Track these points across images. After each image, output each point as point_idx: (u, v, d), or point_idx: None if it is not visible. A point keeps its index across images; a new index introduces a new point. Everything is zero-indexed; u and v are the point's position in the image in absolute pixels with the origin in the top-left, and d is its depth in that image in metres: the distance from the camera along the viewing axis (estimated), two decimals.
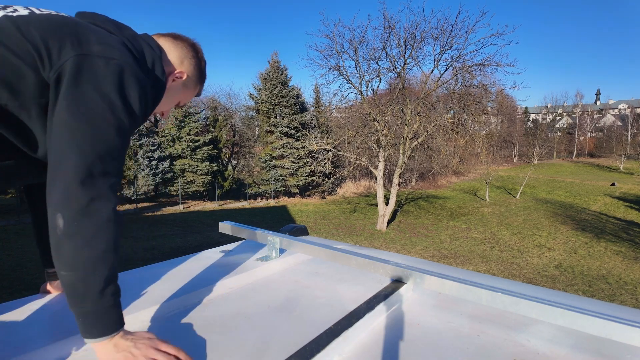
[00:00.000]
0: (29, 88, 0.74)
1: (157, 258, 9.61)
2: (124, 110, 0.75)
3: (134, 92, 0.77)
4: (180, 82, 1.02)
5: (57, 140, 0.70)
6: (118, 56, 0.77)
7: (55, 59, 0.74)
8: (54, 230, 0.68)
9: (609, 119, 60.26)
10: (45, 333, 0.82)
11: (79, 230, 0.68)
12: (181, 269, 1.24)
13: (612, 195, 24.59)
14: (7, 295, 6.67)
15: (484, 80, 16.12)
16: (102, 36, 0.81)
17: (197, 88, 1.09)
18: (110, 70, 0.75)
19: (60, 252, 0.68)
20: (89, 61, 0.74)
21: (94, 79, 0.73)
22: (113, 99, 0.74)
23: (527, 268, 11.06)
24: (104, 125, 0.73)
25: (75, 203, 0.68)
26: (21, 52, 0.73)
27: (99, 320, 0.70)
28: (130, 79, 0.77)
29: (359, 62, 15.91)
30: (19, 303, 0.98)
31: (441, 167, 20.11)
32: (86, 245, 0.68)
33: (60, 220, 0.67)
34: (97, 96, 0.72)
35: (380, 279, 1.15)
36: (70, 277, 0.68)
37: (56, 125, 0.71)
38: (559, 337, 0.83)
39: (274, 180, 22.47)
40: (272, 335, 0.81)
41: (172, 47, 1.00)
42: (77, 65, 0.73)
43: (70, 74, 0.72)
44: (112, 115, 0.74)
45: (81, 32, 0.78)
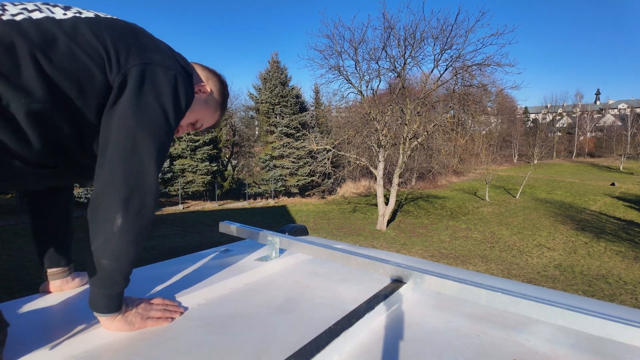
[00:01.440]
0: (95, 88, 0.78)
1: (157, 258, 9.61)
2: (174, 118, 0.84)
3: (183, 99, 0.86)
4: (203, 97, 1.04)
5: (121, 146, 0.76)
6: (174, 67, 0.86)
7: (122, 63, 0.79)
8: (110, 227, 0.75)
9: (609, 118, 60.27)
10: (45, 333, 0.82)
11: (131, 229, 0.77)
12: (181, 269, 1.24)
13: (611, 195, 24.59)
14: (7, 295, 6.67)
15: (484, 80, 16.13)
16: (160, 46, 0.89)
17: (216, 113, 1.11)
18: (168, 81, 0.82)
19: (109, 245, 0.76)
20: (151, 69, 0.81)
21: (156, 88, 0.81)
22: (169, 109, 0.82)
23: (526, 268, 11.07)
24: (162, 134, 0.81)
25: (135, 206, 0.77)
26: (93, 53, 0.77)
27: (118, 299, 0.82)
28: (182, 89, 0.85)
29: (359, 62, 15.92)
30: (19, 303, 0.98)
31: (441, 167, 20.13)
32: (133, 242, 0.79)
33: (119, 219, 0.75)
34: (158, 106, 0.80)
35: (380, 279, 1.15)
36: (111, 265, 0.78)
37: (120, 128, 0.77)
38: (559, 337, 0.83)
39: (274, 180, 22.47)
40: (272, 335, 0.81)
41: (200, 68, 1.07)
42: (142, 72, 0.80)
43: (135, 81, 0.79)
44: (167, 125, 0.82)
45: (143, 40, 0.86)
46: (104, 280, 0.79)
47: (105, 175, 0.76)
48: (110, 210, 0.75)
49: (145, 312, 0.86)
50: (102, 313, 0.81)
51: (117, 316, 0.83)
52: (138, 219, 0.78)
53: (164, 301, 0.92)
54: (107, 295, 0.80)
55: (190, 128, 1.10)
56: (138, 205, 0.78)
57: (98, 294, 0.80)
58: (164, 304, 0.91)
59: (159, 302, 0.91)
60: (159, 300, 0.92)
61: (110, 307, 0.81)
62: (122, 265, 0.79)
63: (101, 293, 0.80)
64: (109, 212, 0.75)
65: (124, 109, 0.77)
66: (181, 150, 20.91)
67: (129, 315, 0.85)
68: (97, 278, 0.79)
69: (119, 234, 0.76)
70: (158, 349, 0.77)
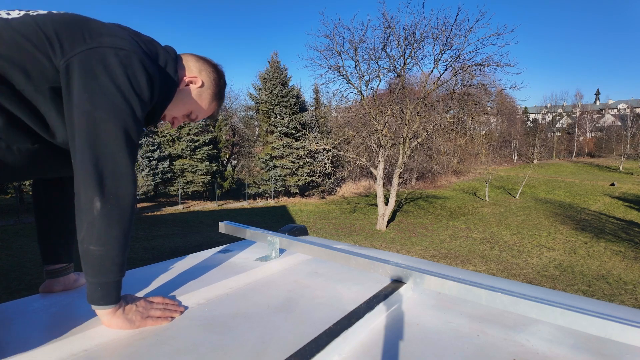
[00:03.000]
0: (42, 73, 0.80)
1: (157, 258, 9.61)
2: (136, 97, 0.83)
3: (142, 78, 0.84)
4: (194, 88, 1.04)
5: (84, 132, 0.78)
6: (127, 46, 0.84)
7: (67, 49, 0.80)
8: (90, 211, 0.77)
9: (609, 118, 60.29)
10: (45, 333, 0.82)
11: (111, 212, 0.78)
12: (181, 269, 1.24)
13: (611, 195, 24.60)
14: (7, 295, 6.67)
15: (484, 80, 16.14)
16: (113, 30, 0.88)
17: (212, 104, 1.10)
18: (120, 60, 0.82)
19: (93, 229, 0.78)
20: (100, 52, 0.81)
21: (107, 69, 0.80)
22: (125, 88, 0.81)
23: (526, 268, 11.07)
24: (123, 114, 0.81)
25: (109, 188, 0.78)
26: (36, 40, 0.79)
27: (114, 290, 0.82)
28: (137, 65, 0.84)
29: (359, 62, 15.92)
30: (18, 303, 0.98)
31: (441, 167, 20.14)
32: (116, 225, 0.80)
33: (97, 202, 0.77)
34: (113, 86, 0.80)
35: (380, 279, 1.15)
36: (100, 251, 0.79)
37: (79, 116, 0.78)
38: (559, 337, 0.83)
39: (274, 180, 22.46)
40: (271, 335, 0.81)
41: (194, 60, 1.05)
42: (89, 56, 0.80)
43: (84, 66, 0.79)
44: (127, 104, 0.81)
45: (93, 27, 0.86)
46: (95, 268, 0.80)
47: (77, 162, 0.78)
48: (87, 196, 0.77)
49: (145, 311, 0.86)
50: (100, 305, 0.81)
51: (117, 312, 0.83)
52: (116, 201, 0.79)
53: (165, 300, 0.93)
54: (101, 284, 0.80)
55: (186, 119, 1.10)
56: (112, 187, 0.79)
57: (92, 284, 0.81)
58: (165, 303, 0.92)
59: (160, 301, 0.91)
60: (159, 299, 0.92)
61: (106, 298, 0.81)
62: (110, 250, 0.80)
63: (95, 282, 0.80)
64: (86, 198, 0.77)
65: (79, 95, 0.78)
66: (181, 150, 20.90)
67: (129, 313, 0.85)
68: (88, 267, 0.80)
69: (100, 217, 0.77)
70: (158, 348, 0.77)
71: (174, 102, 1.02)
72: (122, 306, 0.85)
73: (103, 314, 0.83)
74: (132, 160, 0.83)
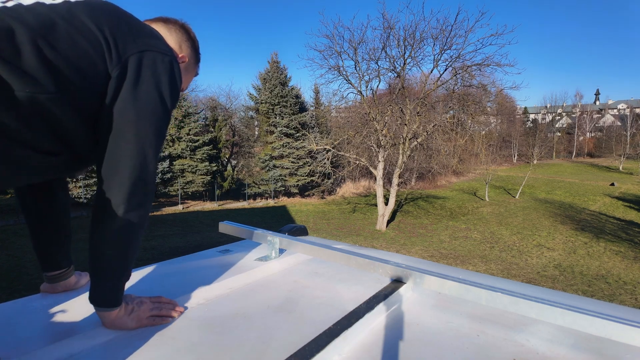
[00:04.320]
0: (96, 76, 0.76)
1: (157, 258, 9.60)
2: (172, 105, 0.85)
3: (178, 84, 0.86)
4: (183, 67, 1.02)
5: (123, 137, 0.77)
6: (168, 51, 0.85)
7: (122, 51, 0.77)
8: (114, 218, 0.77)
9: (608, 119, 60.32)
10: (45, 333, 0.82)
11: (134, 219, 0.79)
12: (181, 269, 1.24)
13: (611, 195, 24.60)
14: (7, 295, 6.67)
15: (484, 80, 16.14)
16: (152, 30, 0.88)
17: (195, 69, 1.10)
18: (165, 68, 0.82)
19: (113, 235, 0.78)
20: (149, 57, 0.80)
21: (154, 76, 0.80)
22: (167, 97, 0.82)
23: (526, 268, 11.07)
24: (161, 123, 0.82)
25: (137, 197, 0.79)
26: (93, 40, 0.74)
27: (119, 292, 0.83)
28: (176, 72, 0.86)
29: (359, 62, 15.92)
30: (19, 303, 0.98)
31: (441, 167, 20.13)
32: (136, 232, 0.81)
33: (122, 210, 0.77)
34: (157, 95, 0.80)
35: (379, 279, 1.15)
36: (114, 255, 0.79)
37: (121, 121, 0.77)
38: (559, 337, 0.83)
39: (274, 180, 22.46)
40: (271, 335, 0.81)
41: (167, 32, 1.00)
42: (140, 60, 0.78)
43: (134, 70, 0.77)
44: (165, 113, 0.83)
45: (136, 24, 0.84)
46: (106, 271, 0.80)
47: (109, 168, 0.77)
48: (114, 203, 0.77)
49: (145, 311, 0.86)
50: (104, 307, 0.81)
51: (117, 313, 0.83)
52: (140, 210, 0.80)
53: (165, 300, 0.93)
54: (109, 287, 0.81)
55: None
56: (140, 196, 0.79)
57: (101, 286, 0.81)
58: (164, 302, 0.91)
59: (160, 301, 0.91)
60: (159, 299, 0.92)
61: (111, 300, 0.82)
62: (124, 254, 0.81)
63: (104, 285, 0.81)
64: (114, 204, 0.77)
65: (124, 101, 0.77)
66: (181, 151, 20.89)
67: (129, 312, 0.85)
68: (99, 269, 0.80)
69: (123, 224, 0.78)
70: (158, 348, 0.77)
71: None
72: (122, 306, 0.85)
73: (104, 316, 0.83)
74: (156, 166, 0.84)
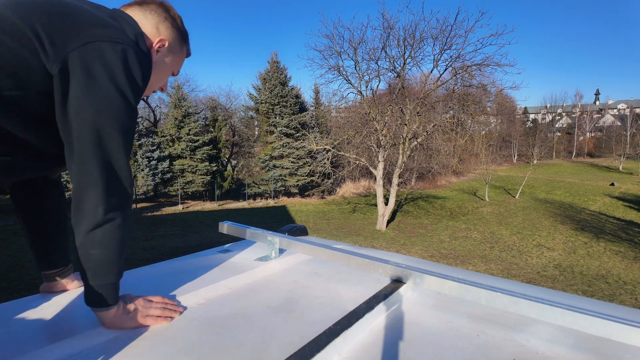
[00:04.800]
0: (33, 77, 0.72)
1: (157, 258, 9.60)
2: (134, 96, 0.79)
3: (138, 74, 0.80)
4: (164, 51, 0.97)
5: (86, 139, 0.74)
6: (120, 39, 0.78)
7: (60, 47, 0.72)
8: (94, 218, 0.76)
9: (608, 119, 60.32)
10: (45, 333, 0.82)
11: (115, 217, 0.78)
12: (180, 269, 1.24)
13: (611, 195, 24.61)
14: (7, 295, 6.66)
15: (484, 80, 16.14)
16: (100, 16, 0.80)
17: (183, 49, 1.03)
18: (118, 56, 0.75)
19: (96, 235, 0.77)
20: (96, 48, 0.74)
21: (106, 67, 0.74)
22: (126, 88, 0.77)
23: (526, 268, 11.07)
24: (124, 117, 0.78)
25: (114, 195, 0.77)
26: (22, 38, 0.70)
27: (113, 291, 0.82)
28: (133, 60, 0.78)
29: (359, 62, 15.92)
30: (18, 303, 0.98)
31: (441, 167, 20.14)
32: (119, 228, 0.79)
33: (101, 210, 0.76)
34: (114, 88, 0.75)
35: (379, 279, 1.15)
36: (101, 254, 0.78)
37: (80, 123, 0.73)
38: (559, 337, 0.83)
39: (274, 180, 22.46)
40: (271, 335, 0.81)
41: (143, 16, 0.93)
42: (86, 54, 0.73)
43: (81, 66, 0.72)
44: (127, 105, 0.78)
45: (79, 14, 0.77)
46: (95, 271, 0.79)
47: (79, 172, 0.76)
48: (91, 203, 0.76)
49: (144, 310, 0.86)
50: (99, 307, 0.81)
51: (116, 313, 0.83)
52: (120, 206, 0.79)
53: (164, 299, 0.92)
54: (101, 287, 0.80)
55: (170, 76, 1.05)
56: (117, 193, 0.78)
57: (92, 286, 0.80)
58: (164, 302, 0.91)
59: (159, 301, 0.91)
60: (158, 299, 0.92)
61: (106, 300, 0.81)
62: (111, 253, 0.79)
63: (95, 285, 0.80)
64: (90, 205, 0.76)
65: (78, 101, 0.73)
66: (181, 151, 20.89)
67: (128, 312, 0.84)
68: (88, 270, 0.79)
69: (104, 223, 0.77)
70: (158, 348, 0.76)
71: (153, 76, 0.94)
72: (121, 306, 0.84)
73: (102, 315, 0.83)
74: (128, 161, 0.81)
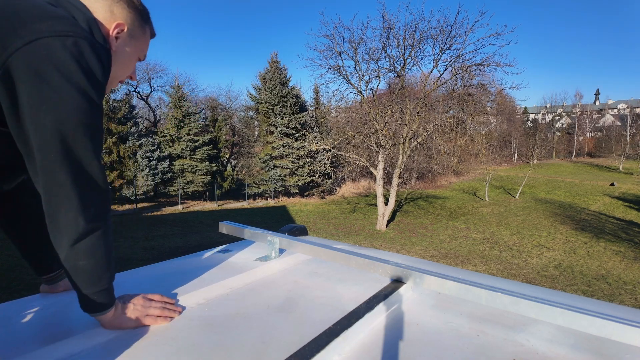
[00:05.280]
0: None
1: (157, 258, 9.60)
2: (96, 91, 0.71)
3: (97, 68, 0.72)
4: (123, 36, 0.86)
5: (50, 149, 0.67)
6: (71, 31, 0.69)
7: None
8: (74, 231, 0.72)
9: (608, 119, 60.34)
10: (45, 333, 0.82)
11: (95, 226, 0.75)
12: (180, 269, 1.24)
13: (611, 195, 24.61)
14: (6, 295, 6.67)
15: (484, 80, 16.14)
16: (39, 7, 0.70)
17: (146, 29, 0.92)
18: (70, 52, 0.67)
19: (80, 247, 0.73)
20: (43, 45, 0.65)
21: (58, 65, 0.65)
22: (84, 85, 0.68)
23: (526, 268, 11.07)
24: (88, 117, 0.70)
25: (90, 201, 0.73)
26: None
27: (107, 294, 0.80)
28: (89, 52, 0.70)
29: (359, 62, 15.92)
30: (18, 303, 0.98)
31: (441, 167, 20.12)
32: (101, 236, 0.77)
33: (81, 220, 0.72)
34: (71, 87, 0.67)
35: (379, 279, 1.15)
36: (89, 264, 0.75)
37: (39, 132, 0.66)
38: (559, 337, 0.83)
39: (274, 180, 22.46)
40: (271, 335, 0.81)
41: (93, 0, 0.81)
42: (31, 54, 0.64)
43: (27, 69, 0.64)
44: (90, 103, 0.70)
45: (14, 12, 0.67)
46: (86, 281, 0.77)
47: (47, 184, 0.69)
48: (68, 217, 0.70)
49: (144, 309, 0.86)
50: (95, 312, 0.81)
51: (115, 314, 0.83)
52: (98, 214, 0.75)
53: (163, 298, 0.91)
54: (94, 294, 0.78)
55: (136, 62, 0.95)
56: (94, 200, 0.74)
57: (86, 295, 0.78)
58: (163, 301, 0.90)
59: (158, 299, 0.90)
60: (157, 297, 0.91)
61: (101, 304, 0.80)
62: (99, 260, 0.77)
63: (88, 292, 0.78)
64: (67, 219, 0.71)
65: (33, 109, 0.65)
66: (181, 151, 20.90)
67: (127, 312, 0.84)
68: (78, 281, 0.76)
69: (85, 234, 0.73)
70: (158, 349, 0.76)
71: (115, 66, 0.85)
72: (119, 306, 0.84)
73: (101, 319, 0.82)
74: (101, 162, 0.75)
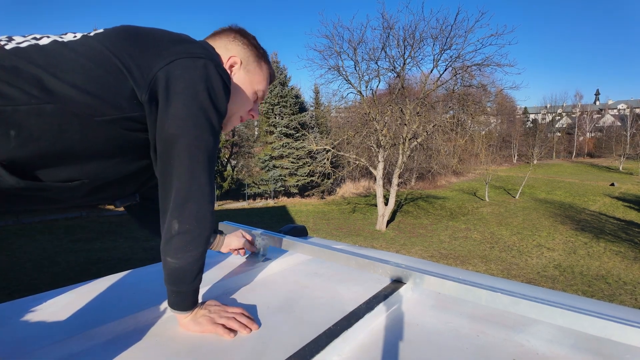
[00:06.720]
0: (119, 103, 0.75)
1: (157, 258, 9.53)
2: (216, 113, 0.80)
3: (219, 89, 0.80)
4: (237, 69, 0.96)
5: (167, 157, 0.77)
6: (202, 53, 0.79)
7: (146, 70, 0.75)
8: (170, 230, 0.78)
9: (608, 119, 60.35)
10: (45, 333, 0.82)
11: (187, 233, 0.79)
12: None
13: (611, 195, 24.61)
14: (6, 295, 6.66)
15: (484, 80, 16.16)
16: (176, 35, 0.82)
17: (262, 66, 1.00)
18: (200, 72, 0.77)
19: (171, 245, 0.79)
20: (177, 65, 0.76)
21: (187, 83, 0.76)
22: (207, 105, 0.78)
23: (526, 268, 11.07)
24: (205, 135, 0.78)
25: (189, 211, 0.78)
26: (109, 66, 0.74)
27: (188, 298, 0.84)
28: (214, 74, 0.79)
29: (358, 62, 15.93)
30: (18, 303, 0.98)
31: (440, 167, 20.12)
32: (192, 243, 0.80)
33: (176, 225, 0.78)
34: (196, 105, 0.76)
35: (379, 279, 1.15)
36: (176, 264, 0.80)
37: (162, 141, 0.77)
38: (559, 337, 0.83)
39: (274, 181, 22.46)
40: (271, 335, 0.81)
41: (213, 41, 0.96)
42: (168, 73, 0.76)
43: (164, 86, 0.75)
44: (209, 123, 0.78)
45: (157, 38, 0.80)
46: (171, 276, 0.82)
47: (161, 186, 0.80)
48: (169, 217, 0.79)
49: (217, 317, 0.85)
50: (173, 310, 0.85)
51: (189, 316, 0.86)
52: (194, 224, 0.79)
53: (242, 311, 0.89)
54: (176, 292, 0.83)
55: (258, 101, 1.04)
56: (193, 210, 0.78)
57: (168, 290, 0.84)
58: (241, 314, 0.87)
59: (236, 312, 0.88)
60: (237, 310, 0.89)
61: (180, 305, 0.84)
62: (185, 264, 0.81)
63: (170, 289, 0.84)
64: (168, 218, 0.79)
65: (162, 120, 0.76)
66: None
67: (198, 315, 0.86)
68: (165, 274, 0.83)
69: (178, 237, 0.79)
70: (158, 349, 0.77)
71: (232, 97, 0.92)
72: (195, 311, 0.86)
73: (178, 318, 0.87)
74: (212, 181, 0.82)
